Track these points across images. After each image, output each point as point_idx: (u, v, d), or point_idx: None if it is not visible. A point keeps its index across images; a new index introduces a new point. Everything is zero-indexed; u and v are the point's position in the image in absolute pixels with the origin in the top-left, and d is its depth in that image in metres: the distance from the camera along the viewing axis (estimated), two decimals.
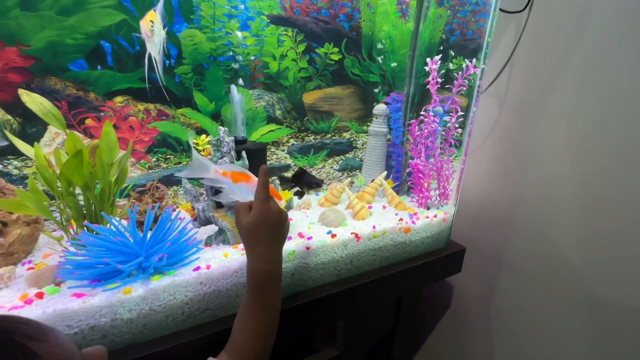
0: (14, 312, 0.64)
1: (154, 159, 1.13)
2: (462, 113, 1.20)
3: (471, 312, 1.51)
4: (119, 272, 0.75)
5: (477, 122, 1.36)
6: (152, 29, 0.79)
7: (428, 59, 1.14)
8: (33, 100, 0.73)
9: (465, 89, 1.18)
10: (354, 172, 1.52)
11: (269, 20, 1.16)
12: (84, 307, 0.68)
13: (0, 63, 0.86)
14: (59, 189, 0.78)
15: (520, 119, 1.26)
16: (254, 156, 0.99)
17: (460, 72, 1.16)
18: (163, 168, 1.15)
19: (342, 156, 1.47)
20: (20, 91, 0.72)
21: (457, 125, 1.22)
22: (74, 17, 0.91)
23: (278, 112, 1.28)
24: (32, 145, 0.87)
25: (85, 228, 0.76)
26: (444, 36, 1.35)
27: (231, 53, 1.13)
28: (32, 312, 0.65)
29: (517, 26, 1.25)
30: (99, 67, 0.98)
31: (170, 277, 0.79)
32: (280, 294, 0.74)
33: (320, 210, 1.23)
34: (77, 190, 0.83)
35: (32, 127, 0.94)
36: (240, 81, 1.14)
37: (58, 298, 0.70)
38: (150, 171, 1.13)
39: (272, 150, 1.32)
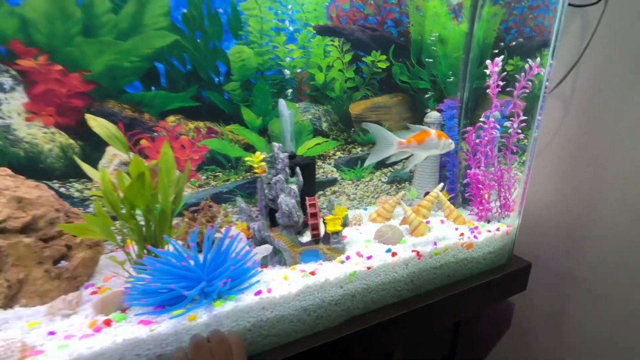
0: (85, 341, 0.63)
1: (204, 177, 1.12)
2: (525, 117, 1.11)
3: (537, 333, 1.37)
4: (182, 298, 0.73)
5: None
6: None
7: (488, 61, 1.06)
8: (99, 125, 0.73)
9: (528, 90, 1.09)
10: (403, 184, 1.45)
11: (315, 32, 1.13)
12: (151, 336, 0.66)
13: (64, 89, 0.88)
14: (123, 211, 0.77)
15: (590, 123, 1.15)
16: (304, 171, 0.96)
17: (523, 73, 1.07)
18: (212, 186, 1.14)
19: (390, 168, 1.40)
20: (87, 116, 0.73)
21: (519, 131, 1.13)
22: (130, 41, 0.92)
23: (324, 125, 1.24)
24: (94, 167, 0.89)
25: (148, 252, 0.75)
26: (499, 36, 1.26)
27: (279, 68, 1.11)
28: (102, 342, 0.63)
29: (582, 22, 1.15)
30: (152, 88, 0.99)
31: (232, 302, 0.75)
32: None
33: (372, 225, 1.17)
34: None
35: (92, 149, 0.96)
36: (289, 90, 1.11)
37: (125, 325, 0.68)
38: (200, 189, 1.12)
39: (318, 164, 1.28)
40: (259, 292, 0.78)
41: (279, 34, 1.09)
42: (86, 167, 0.75)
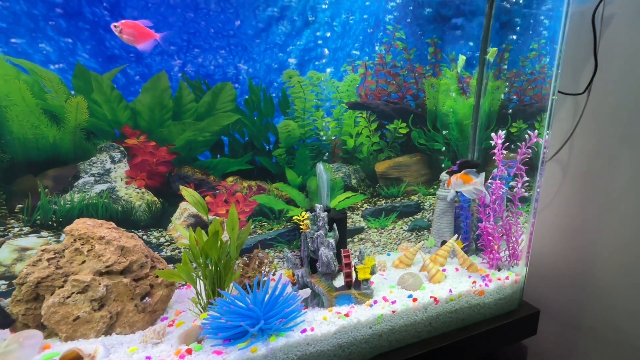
0: None
1: (252, 227, 1.33)
2: (527, 179, 1.28)
3: None
4: (245, 333, 0.91)
5: (542, 185, 1.42)
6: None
7: (493, 134, 1.26)
8: (189, 194, 0.96)
9: (529, 156, 1.26)
10: (422, 232, 1.62)
11: (347, 107, 1.38)
12: None
13: (154, 159, 1.14)
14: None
15: (585, 184, 1.31)
16: (338, 225, 1.15)
17: (523, 142, 1.25)
18: (259, 234, 1.35)
19: (410, 217, 1.59)
20: (182, 187, 0.96)
21: (523, 190, 1.29)
22: (205, 121, 1.18)
23: (354, 181, 1.46)
24: (169, 218, 1.12)
25: (218, 294, 0.95)
26: (502, 104, 1.48)
27: (317, 136, 1.35)
28: None
29: (575, 102, 1.35)
30: (218, 155, 1.24)
31: (283, 338, 0.93)
32: None
33: (395, 271, 1.34)
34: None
35: (169, 204, 1.19)
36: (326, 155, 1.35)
37: (202, 354, 0.87)
38: (249, 237, 1.33)
39: (348, 214, 1.47)
40: (304, 330, 0.96)
41: (318, 110, 1.34)
42: (179, 228, 0.98)
